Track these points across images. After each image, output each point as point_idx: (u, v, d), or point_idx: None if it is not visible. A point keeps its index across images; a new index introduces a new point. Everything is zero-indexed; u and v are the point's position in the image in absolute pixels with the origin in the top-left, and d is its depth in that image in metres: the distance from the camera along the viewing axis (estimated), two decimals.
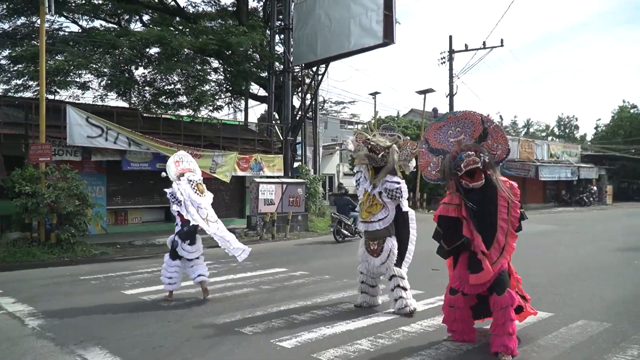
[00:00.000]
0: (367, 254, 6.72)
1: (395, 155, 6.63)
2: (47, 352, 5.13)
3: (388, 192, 6.56)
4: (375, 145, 6.59)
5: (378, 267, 6.60)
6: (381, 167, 6.63)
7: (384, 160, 6.59)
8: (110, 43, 15.73)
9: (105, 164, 15.41)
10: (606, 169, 43.18)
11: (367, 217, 6.67)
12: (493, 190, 5.13)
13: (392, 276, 6.47)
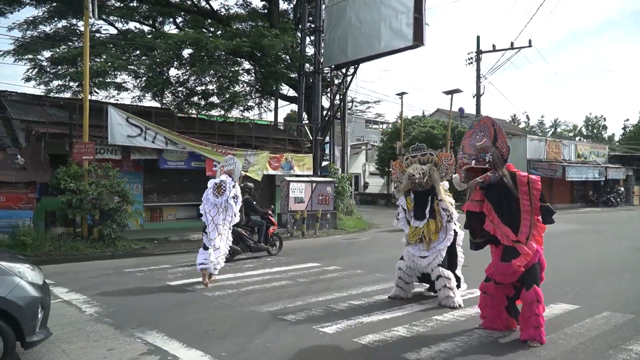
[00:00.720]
0: (414, 255, 7.09)
1: (436, 174, 7.04)
2: (110, 335, 5.64)
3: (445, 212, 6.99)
4: (417, 176, 6.97)
5: (425, 267, 6.99)
6: (426, 190, 7.05)
7: (428, 183, 7.01)
8: (148, 45, 16.38)
9: (142, 162, 16.03)
10: (634, 169, 42.49)
11: (427, 247, 7.01)
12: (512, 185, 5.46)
13: (438, 276, 6.86)
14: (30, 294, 4.46)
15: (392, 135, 34.17)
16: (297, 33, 20.09)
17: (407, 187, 7.24)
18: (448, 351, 5.07)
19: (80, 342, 5.35)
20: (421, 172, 7.00)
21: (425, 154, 7.32)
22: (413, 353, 4.99)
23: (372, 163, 42.89)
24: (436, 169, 7.10)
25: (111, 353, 5.02)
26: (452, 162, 7.11)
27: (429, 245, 7.01)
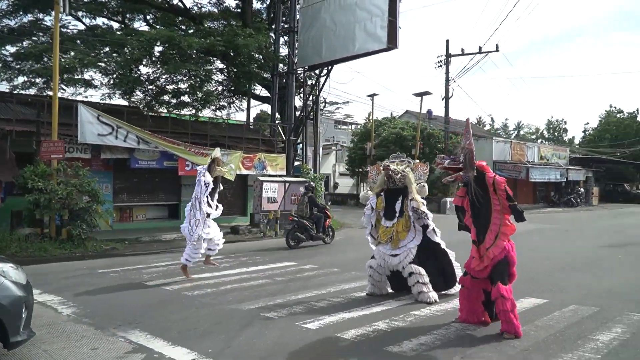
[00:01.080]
0: (385, 253, 7.25)
1: (411, 175, 7.32)
2: (91, 335, 5.61)
3: (416, 212, 7.16)
4: (394, 170, 7.26)
5: (396, 265, 7.17)
6: (399, 188, 7.29)
7: (402, 182, 7.26)
8: (119, 42, 16.14)
9: (112, 161, 15.78)
10: (593, 171, 44.09)
11: (395, 245, 7.18)
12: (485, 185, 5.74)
13: (411, 273, 7.04)
14: (14, 294, 4.42)
15: (363, 136, 34.53)
16: (271, 33, 20.11)
17: (382, 185, 7.44)
18: (428, 344, 5.26)
19: (62, 343, 5.31)
20: (400, 168, 7.29)
21: (404, 161, 7.64)
22: (395, 346, 5.16)
23: (342, 164, 43.20)
24: (412, 172, 7.39)
25: (95, 352, 5.01)
26: (427, 170, 7.54)
27: (397, 244, 7.17)
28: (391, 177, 7.28)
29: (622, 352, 5.04)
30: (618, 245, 13.86)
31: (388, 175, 7.28)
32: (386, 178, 7.34)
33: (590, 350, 5.08)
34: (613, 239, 15.23)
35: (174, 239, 15.09)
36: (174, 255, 11.85)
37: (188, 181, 17.81)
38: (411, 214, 7.21)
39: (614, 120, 55.73)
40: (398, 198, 7.33)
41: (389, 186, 7.37)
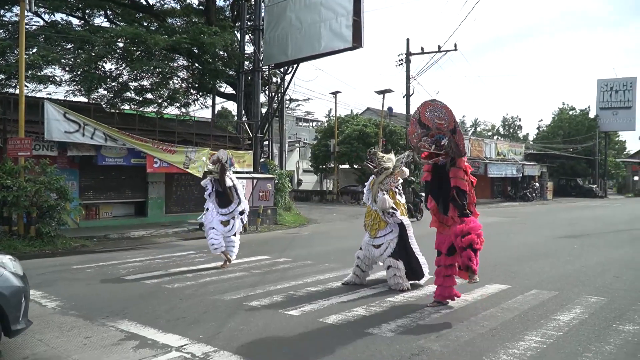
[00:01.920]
0: (370, 245, 7.68)
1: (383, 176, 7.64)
2: (81, 325, 5.75)
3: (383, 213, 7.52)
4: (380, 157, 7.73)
5: (377, 257, 7.62)
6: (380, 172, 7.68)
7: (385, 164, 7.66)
8: (83, 39, 15.95)
9: (78, 159, 15.62)
10: (547, 166, 46.03)
11: (374, 234, 7.62)
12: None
13: (389, 266, 7.47)
14: (14, 284, 4.55)
15: (326, 133, 34.94)
16: (236, 31, 20.21)
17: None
18: (405, 325, 5.66)
19: (54, 333, 5.45)
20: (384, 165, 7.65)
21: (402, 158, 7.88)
22: (375, 328, 5.54)
23: (305, 160, 43.54)
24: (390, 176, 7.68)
25: (89, 340, 5.18)
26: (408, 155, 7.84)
27: (375, 234, 7.57)
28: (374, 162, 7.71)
29: (582, 330, 5.56)
30: (573, 236, 14.72)
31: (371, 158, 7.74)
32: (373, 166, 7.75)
33: (553, 329, 5.58)
34: (568, 231, 16.14)
35: (142, 235, 15.10)
36: (147, 251, 11.96)
37: (155, 178, 17.82)
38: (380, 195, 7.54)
39: (566, 117, 58.10)
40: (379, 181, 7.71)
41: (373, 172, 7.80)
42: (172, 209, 18.60)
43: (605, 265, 9.76)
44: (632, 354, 4.82)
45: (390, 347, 4.95)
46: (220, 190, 9.43)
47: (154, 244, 13.61)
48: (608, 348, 4.97)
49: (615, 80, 56.29)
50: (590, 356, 4.74)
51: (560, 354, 4.79)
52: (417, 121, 6.50)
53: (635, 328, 5.62)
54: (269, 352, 4.83)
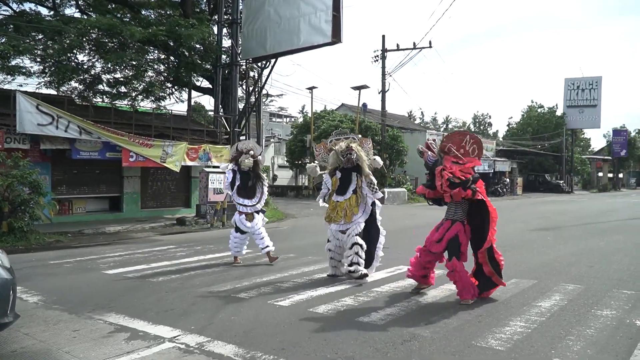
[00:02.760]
0: (338, 232, 7.69)
1: (362, 153, 7.70)
2: (67, 319, 5.66)
3: (370, 186, 7.60)
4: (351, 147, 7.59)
5: (346, 239, 7.60)
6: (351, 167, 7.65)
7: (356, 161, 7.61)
8: (56, 29, 15.56)
9: (50, 152, 15.26)
10: (517, 162, 47.06)
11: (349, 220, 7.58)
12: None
13: (354, 244, 7.46)
14: (2, 277, 4.46)
15: (302, 129, 34.92)
16: (212, 24, 19.99)
17: (335, 164, 7.75)
18: (394, 314, 5.76)
19: (40, 327, 5.35)
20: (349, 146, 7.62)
21: (349, 137, 8.02)
22: (365, 317, 5.62)
23: (280, 156, 43.43)
24: (361, 149, 7.77)
25: (78, 333, 5.11)
26: (370, 145, 8.03)
27: (350, 219, 7.56)
28: (350, 160, 7.61)
29: (563, 316, 5.76)
30: (546, 228, 15.15)
31: (348, 158, 7.59)
32: (344, 159, 7.63)
33: (535, 315, 5.77)
34: (540, 224, 16.58)
35: (118, 231, 14.87)
36: (125, 246, 11.79)
37: (131, 173, 17.55)
38: (365, 189, 7.64)
39: (535, 114, 59.50)
40: (352, 176, 7.67)
41: (345, 166, 7.68)
42: (147, 204, 18.35)
43: (578, 255, 10.10)
44: (611, 336, 5.03)
45: (382, 334, 5.04)
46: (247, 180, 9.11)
47: (131, 239, 13.42)
48: (589, 331, 5.16)
49: (581, 79, 57.89)
50: (573, 339, 4.92)
51: (545, 337, 4.96)
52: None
53: (613, 313, 5.86)
54: (263, 340, 4.86)
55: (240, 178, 9.08)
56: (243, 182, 9.09)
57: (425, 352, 4.57)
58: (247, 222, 9.05)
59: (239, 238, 9.12)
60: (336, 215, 7.63)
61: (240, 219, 9.09)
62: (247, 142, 9.80)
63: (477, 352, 4.59)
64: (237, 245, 9.17)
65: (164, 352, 4.55)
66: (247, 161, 8.98)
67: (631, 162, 73.66)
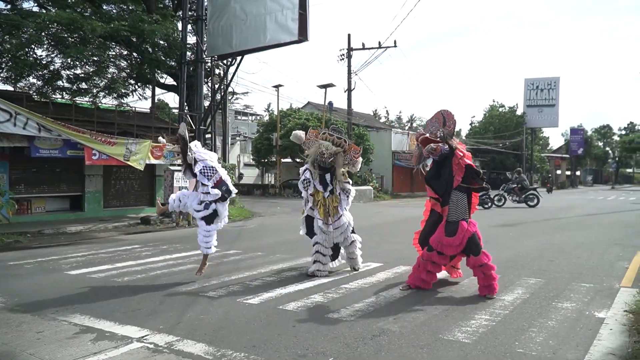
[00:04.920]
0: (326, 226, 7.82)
1: (340, 159, 7.85)
2: (30, 320, 5.51)
3: (345, 192, 8.00)
4: (325, 150, 7.72)
5: (337, 237, 7.89)
6: (328, 168, 7.86)
7: (332, 162, 7.80)
8: (13, 23, 15.05)
9: (8, 150, 14.76)
10: (480, 160, 48.13)
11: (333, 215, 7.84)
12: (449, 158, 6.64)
13: (352, 242, 8.00)
14: None
15: (268, 127, 34.81)
16: (177, 20, 19.68)
17: (313, 156, 7.85)
18: (363, 309, 5.83)
19: (2, 329, 5.19)
20: (331, 151, 7.74)
21: (341, 138, 8.03)
22: (334, 313, 5.67)
23: (246, 154, 43.18)
24: (344, 154, 7.86)
25: (42, 335, 4.97)
26: (358, 155, 8.03)
27: (333, 218, 7.79)
28: (323, 161, 7.76)
29: (525, 308, 5.95)
30: (507, 225, 15.56)
31: (320, 152, 7.72)
32: (319, 157, 7.78)
33: (499, 308, 5.93)
34: (502, 220, 17.02)
35: (80, 230, 14.52)
36: (88, 246, 11.53)
37: (93, 171, 17.15)
38: (343, 195, 7.98)
39: (496, 114, 60.99)
40: (326, 176, 7.92)
41: (319, 162, 7.82)
42: (110, 203, 17.97)
43: (539, 250, 10.42)
44: (572, 327, 5.22)
45: (351, 329, 5.10)
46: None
47: (94, 238, 13.12)
48: (551, 323, 5.35)
49: (540, 79, 59.65)
50: (536, 331, 5.09)
51: (509, 330, 5.11)
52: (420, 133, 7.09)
53: (573, 305, 6.08)
54: (233, 338, 4.84)
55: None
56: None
57: (394, 346, 4.65)
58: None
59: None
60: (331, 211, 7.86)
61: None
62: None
63: (444, 345, 4.70)
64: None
65: (133, 352, 4.49)
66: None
67: (588, 160, 76.41)
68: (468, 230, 6.51)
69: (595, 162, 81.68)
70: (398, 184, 36.81)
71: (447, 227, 6.56)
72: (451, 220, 6.57)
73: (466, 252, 6.61)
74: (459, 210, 6.59)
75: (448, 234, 6.51)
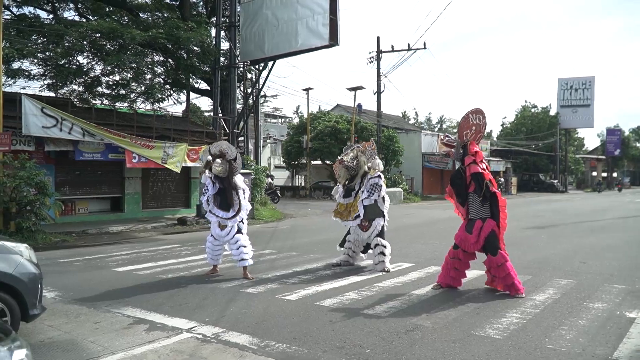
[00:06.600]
0: (358, 228, 8.49)
1: (363, 157, 8.59)
2: (86, 312, 5.95)
3: (370, 187, 8.39)
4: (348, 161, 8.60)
5: (365, 239, 8.50)
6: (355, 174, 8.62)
7: (358, 166, 8.58)
8: (58, 33, 15.80)
9: (54, 154, 15.51)
10: (511, 162, 47.55)
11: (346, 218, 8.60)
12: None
13: (376, 245, 8.35)
14: (31, 271, 4.76)
15: (298, 130, 35.22)
16: (210, 27, 20.26)
17: (345, 176, 8.70)
18: (396, 307, 6.08)
19: (62, 319, 5.64)
20: (350, 156, 8.60)
21: (352, 146, 8.98)
22: (369, 310, 5.94)
23: (276, 156, 43.74)
24: (363, 154, 8.59)
25: (100, 325, 5.40)
26: (374, 147, 8.84)
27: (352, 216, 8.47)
28: (349, 168, 8.59)
29: (556, 307, 6.10)
30: (539, 227, 15.52)
31: (345, 167, 8.58)
32: (345, 169, 8.63)
33: (530, 307, 6.10)
34: (534, 222, 16.96)
35: (121, 230, 15.14)
36: (130, 245, 12.07)
37: (132, 174, 17.82)
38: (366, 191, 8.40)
39: (528, 114, 60.07)
40: (355, 181, 8.65)
41: (351, 174, 8.63)
42: (148, 205, 18.62)
43: (571, 252, 10.45)
44: (602, 326, 5.36)
45: (386, 324, 5.36)
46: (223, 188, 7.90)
47: (135, 238, 13.69)
48: (581, 322, 5.50)
49: (574, 79, 58.48)
50: (566, 329, 5.25)
51: (540, 327, 5.29)
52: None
53: (604, 305, 6.20)
54: (274, 331, 5.16)
55: (216, 188, 7.95)
56: (218, 192, 7.95)
57: (428, 341, 4.89)
58: (217, 229, 7.96)
59: (211, 243, 8.08)
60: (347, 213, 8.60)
61: (214, 225, 8.06)
62: (220, 144, 8.20)
63: (476, 340, 4.91)
64: (210, 251, 8.13)
65: (183, 342, 4.85)
66: (218, 168, 7.76)
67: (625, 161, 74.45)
68: (483, 229, 6.71)
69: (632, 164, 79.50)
70: (428, 186, 36.74)
71: (467, 225, 6.93)
72: (469, 218, 6.91)
73: (485, 251, 6.84)
74: (474, 209, 6.87)
75: (467, 231, 6.86)
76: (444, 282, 7.04)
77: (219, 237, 7.95)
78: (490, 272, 6.87)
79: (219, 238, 7.97)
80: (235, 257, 7.92)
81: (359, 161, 8.58)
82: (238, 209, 7.88)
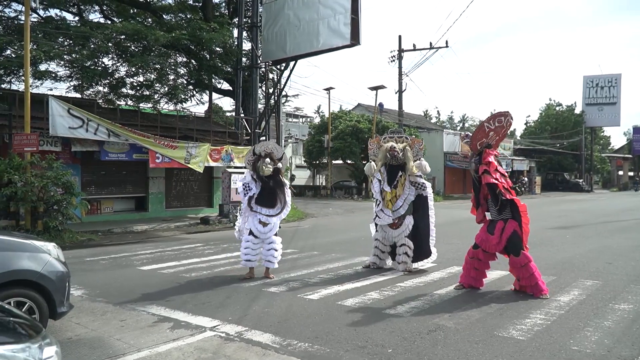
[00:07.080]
0: (387, 226, 8.41)
1: (409, 153, 8.42)
2: (112, 310, 6.08)
3: (415, 185, 8.40)
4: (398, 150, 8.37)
5: (395, 237, 8.38)
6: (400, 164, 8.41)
7: (402, 159, 8.39)
8: (84, 35, 16.11)
9: (80, 154, 15.82)
10: (535, 161, 46.83)
11: (391, 206, 8.41)
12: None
13: (402, 244, 8.29)
14: (59, 270, 4.88)
15: (320, 129, 35.27)
16: (232, 28, 20.42)
17: (384, 159, 8.48)
18: (418, 307, 6.07)
19: (89, 317, 5.77)
20: (401, 146, 8.41)
21: (402, 136, 8.73)
22: (391, 309, 5.95)
23: (297, 156, 43.87)
24: (410, 149, 8.43)
25: (125, 322, 5.51)
26: (422, 146, 8.66)
27: (391, 206, 8.32)
28: (395, 157, 8.37)
29: (581, 309, 6.02)
30: (564, 227, 15.29)
31: (393, 154, 8.35)
32: (389, 156, 8.40)
33: (555, 308, 6.03)
34: (559, 222, 16.70)
35: (145, 229, 15.38)
36: (154, 244, 12.25)
37: (156, 173, 18.07)
38: (409, 188, 8.36)
39: (553, 113, 59.07)
40: (398, 172, 8.45)
41: (392, 162, 8.44)
42: (172, 204, 18.86)
43: (596, 253, 10.28)
44: (628, 328, 5.27)
45: (408, 324, 5.36)
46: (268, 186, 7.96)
47: (159, 237, 13.89)
48: (606, 324, 5.41)
49: (600, 76, 57.35)
50: (591, 330, 5.18)
51: (564, 329, 5.22)
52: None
53: (630, 307, 6.09)
54: (296, 330, 5.20)
55: (259, 186, 8.01)
56: (263, 190, 8.00)
57: (450, 341, 4.87)
58: (258, 225, 7.93)
59: (251, 242, 7.91)
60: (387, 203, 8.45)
61: (254, 222, 7.95)
62: (266, 144, 8.48)
63: (499, 341, 4.88)
64: (250, 251, 7.90)
65: (207, 340, 4.93)
66: (266, 169, 7.85)
67: None
68: (505, 230, 6.68)
69: None
70: (450, 185, 36.44)
71: (489, 226, 6.91)
72: (491, 219, 6.91)
73: (507, 252, 6.79)
74: (494, 212, 6.86)
75: (489, 232, 6.83)
76: (466, 283, 7.02)
77: (261, 233, 7.90)
78: (513, 273, 6.80)
79: (261, 235, 7.91)
80: (264, 257, 7.99)
81: (404, 154, 8.39)
82: (283, 206, 8.14)
